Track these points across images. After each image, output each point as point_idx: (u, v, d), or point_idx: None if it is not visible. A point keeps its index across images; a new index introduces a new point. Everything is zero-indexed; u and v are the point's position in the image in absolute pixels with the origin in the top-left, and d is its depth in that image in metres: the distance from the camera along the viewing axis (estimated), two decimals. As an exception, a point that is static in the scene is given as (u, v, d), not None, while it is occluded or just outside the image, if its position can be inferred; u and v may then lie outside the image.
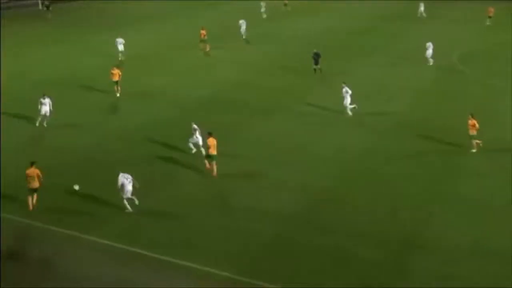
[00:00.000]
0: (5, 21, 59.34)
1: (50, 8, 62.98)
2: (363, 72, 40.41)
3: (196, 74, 40.43)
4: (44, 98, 29.91)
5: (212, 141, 24.43)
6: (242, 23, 48.92)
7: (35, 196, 21.91)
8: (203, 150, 25.63)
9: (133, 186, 21.79)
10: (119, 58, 42.11)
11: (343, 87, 31.65)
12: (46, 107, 29.76)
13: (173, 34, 51.58)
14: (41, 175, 22.02)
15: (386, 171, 25.35)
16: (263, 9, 58.99)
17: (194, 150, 26.25)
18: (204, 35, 44.89)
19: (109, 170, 24.59)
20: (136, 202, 21.93)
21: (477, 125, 26.28)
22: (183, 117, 31.16)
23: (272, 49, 47.26)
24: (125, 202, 21.86)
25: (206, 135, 25.19)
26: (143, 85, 37.60)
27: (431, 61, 41.41)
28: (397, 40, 50.37)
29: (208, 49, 44.46)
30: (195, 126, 26.18)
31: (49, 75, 40.01)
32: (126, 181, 21.76)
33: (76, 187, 22.88)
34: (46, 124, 30.19)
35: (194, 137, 26.04)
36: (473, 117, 26.63)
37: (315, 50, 38.77)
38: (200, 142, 25.89)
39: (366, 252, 19.52)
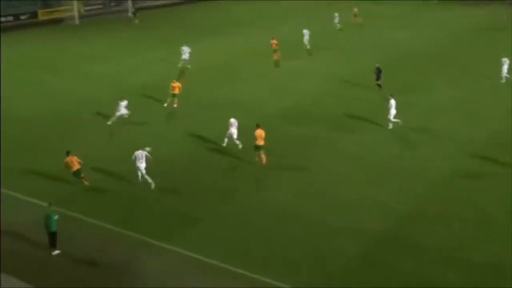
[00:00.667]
0: (97, 27, 61.75)
1: (137, 15, 64.98)
2: (441, 88, 38.66)
3: (274, 84, 39.88)
4: (122, 101, 30.99)
5: (259, 132, 25.62)
6: (306, 33, 48.08)
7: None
8: (238, 143, 27.02)
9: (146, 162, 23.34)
10: (180, 66, 42.19)
11: (389, 99, 30.90)
12: (123, 110, 30.88)
13: (252, 43, 51.25)
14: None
15: (475, 192, 24.16)
16: (336, 20, 57.89)
17: (226, 142, 27.42)
18: (276, 45, 44.37)
19: (189, 176, 24.92)
20: (152, 186, 23.68)
21: None
22: (268, 129, 30.11)
23: (349, 60, 46.15)
24: (139, 177, 23.78)
25: (255, 127, 26.11)
26: (220, 94, 37.30)
27: (504, 78, 39.28)
28: (477, 53, 47.95)
29: (276, 58, 43.89)
30: (232, 120, 27.15)
31: (134, 81, 40.56)
32: (139, 158, 23.52)
33: (148, 149, 23.80)
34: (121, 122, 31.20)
35: (230, 130, 27.09)
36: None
37: (377, 65, 37.42)
38: (235, 136, 27.00)
39: (454, 278, 18.48)
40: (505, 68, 39.07)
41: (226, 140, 27.72)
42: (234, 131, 27.41)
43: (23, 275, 18.75)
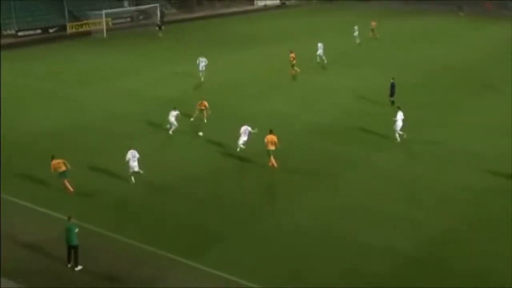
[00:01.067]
0: (124, 40, 62.13)
1: (162, 28, 65.42)
2: (477, 104, 37.99)
3: (301, 99, 39.15)
4: (174, 110, 31.58)
5: (271, 138, 26.69)
6: (320, 47, 47.82)
7: None
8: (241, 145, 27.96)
9: (138, 161, 24.89)
10: (201, 79, 42.33)
11: (397, 111, 30.81)
12: (172, 118, 31.48)
13: (277, 57, 50.74)
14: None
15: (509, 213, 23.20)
16: (356, 33, 57.16)
17: (240, 148, 28.21)
18: (293, 59, 44.22)
19: (216, 190, 24.92)
20: (141, 172, 25.14)
21: None
22: (297, 144, 30.51)
23: (373, 76, 45.09)
24: (131, 176, 25.16)
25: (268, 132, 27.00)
26: (246, 108, 36.74)
27: None
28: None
29: (293, 72, 43.99)
30: (244, 128, 28.10)
31: (159, 94, 40.35)
32: (132, 157, 24.99)
33: (200, 134, 27.13)
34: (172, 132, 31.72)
35: (241, 138, 28.05)
36: None
37: (392, 80, 36.48)
38: (241, 140, 27.95)
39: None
40: None
41: (241, 147, 28.24)
42: (244, 138, 28.13)
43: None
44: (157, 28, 65.38)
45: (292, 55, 44.61)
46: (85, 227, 21.13)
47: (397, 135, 30.73)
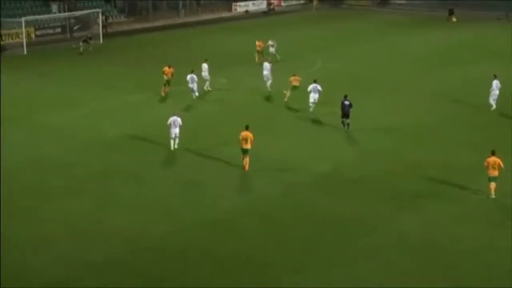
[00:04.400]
0: (57, 57, 60.78)
1: (91, 42, 63.02)
2: None
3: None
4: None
5: (246, 134, 32.49)
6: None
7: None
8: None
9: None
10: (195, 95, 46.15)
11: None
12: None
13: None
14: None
15: None
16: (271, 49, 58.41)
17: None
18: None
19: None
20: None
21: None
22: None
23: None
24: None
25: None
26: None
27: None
28: None
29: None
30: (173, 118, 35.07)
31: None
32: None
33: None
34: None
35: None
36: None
37: (344, 99, 39.07)
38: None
39: None
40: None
41: None
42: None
43: None
44: (81, 42, 62.91)
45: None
46: None
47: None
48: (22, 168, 33.75)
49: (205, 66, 47.35)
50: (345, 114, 38.75)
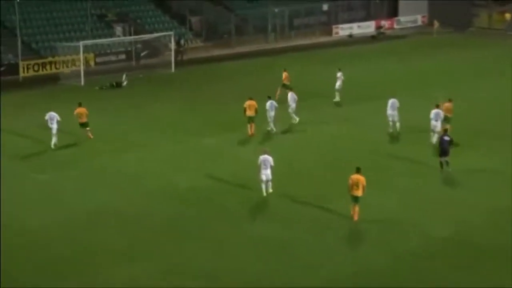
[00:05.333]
0: (123, 89, 62.72)
1: (124, 82, 64.22)
2: None
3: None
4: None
5: (357, 179, 33.31)
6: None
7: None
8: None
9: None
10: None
11: None
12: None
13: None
14: None
15: None
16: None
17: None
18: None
19: None
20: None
21: None
22: None
23: None
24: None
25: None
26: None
27: None
28: None
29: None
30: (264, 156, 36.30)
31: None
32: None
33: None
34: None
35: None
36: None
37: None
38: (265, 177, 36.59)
39: None
40: None
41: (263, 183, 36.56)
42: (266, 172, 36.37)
43: None
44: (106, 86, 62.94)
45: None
46: None
47: None
48: (78, 220, 34.14)
49: (292, 95, 48.93)
50: (444, 152, 39.53)
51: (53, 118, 45.03)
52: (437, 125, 43.58)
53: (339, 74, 57.31)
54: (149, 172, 41.25)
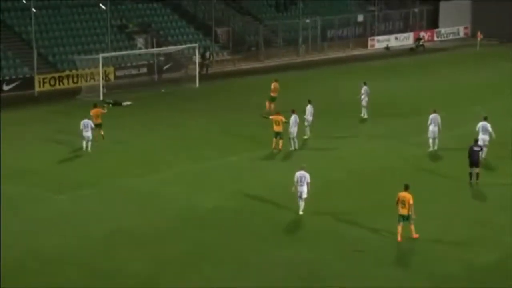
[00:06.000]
0: (145, 105, 63.52)
1: (124, 103, 63.88)
2: None
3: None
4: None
5: (404, 197, 33.69)
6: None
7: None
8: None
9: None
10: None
11: None
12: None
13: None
14: None
15: None
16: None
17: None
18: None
19: None
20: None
21: None
22: None
23: None
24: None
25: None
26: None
27: None
28: None
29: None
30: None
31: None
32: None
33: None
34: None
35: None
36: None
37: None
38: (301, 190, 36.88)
39: None
40: None
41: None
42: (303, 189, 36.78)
43: None
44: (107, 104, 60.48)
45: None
46: None
47: None
48: (94, 243, 34.29)
49: (310, 108, 50.22)
50: (475, 163, 40.08)
51: (87, 126, 47.48)
52: (484, 138, 43.75)
53: (364, 89, 57.35)
54: (170, 192, 41.42)
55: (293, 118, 47.03)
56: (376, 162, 45.50)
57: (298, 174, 36.05)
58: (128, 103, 63.40)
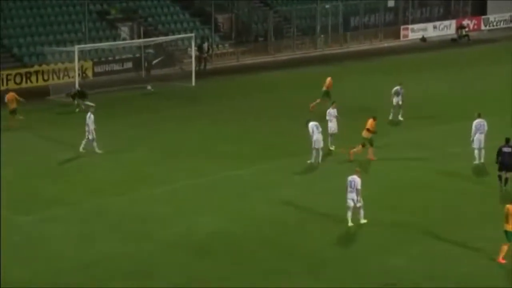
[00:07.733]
0: (131, 105, 64.04)
1: (85, 102, 63.65)
2: None
3: None
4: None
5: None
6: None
7: None
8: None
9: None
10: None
11: None
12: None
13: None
14: None
15: None
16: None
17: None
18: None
19: None
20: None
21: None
22: None
23: None
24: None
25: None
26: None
27: None
28: None
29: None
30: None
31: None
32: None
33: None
34: None
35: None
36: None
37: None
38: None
39: None
40: None
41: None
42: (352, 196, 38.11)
43: None
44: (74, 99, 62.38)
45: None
46: None
47: None
48: (70, 276, 34.19)
49: (331, 111, 50.13)
50: (506, 166, 41.86)
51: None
52: (481, 138, 45.44)
53: (397, 89, 57.78)
54: (161, 213, 41.59)
55: (313, 125, 46.96)
56: (409, 176, 45.74)
57: (350, 178, 37.33)
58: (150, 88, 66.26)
